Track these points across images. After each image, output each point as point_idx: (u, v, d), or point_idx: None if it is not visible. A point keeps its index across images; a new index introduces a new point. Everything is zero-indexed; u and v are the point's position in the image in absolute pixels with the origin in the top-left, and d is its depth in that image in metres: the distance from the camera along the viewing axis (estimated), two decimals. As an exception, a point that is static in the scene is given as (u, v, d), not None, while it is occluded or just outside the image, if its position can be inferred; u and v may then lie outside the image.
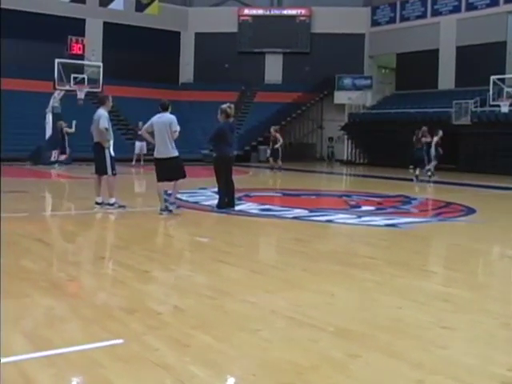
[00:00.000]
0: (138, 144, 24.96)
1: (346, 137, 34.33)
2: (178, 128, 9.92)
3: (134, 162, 24.35)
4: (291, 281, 5.71)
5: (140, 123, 24.62)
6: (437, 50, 32.90)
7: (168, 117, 9.94)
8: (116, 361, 3.50)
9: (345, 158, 34.38)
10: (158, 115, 10.04)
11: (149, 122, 10.17)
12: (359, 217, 10.50)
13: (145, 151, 24.70)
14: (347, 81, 36.09)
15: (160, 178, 10.07)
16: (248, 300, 4.89)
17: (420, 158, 20.07)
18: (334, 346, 3.86)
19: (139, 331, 4.02)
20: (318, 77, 35.22)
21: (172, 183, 10.14)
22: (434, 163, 20.51)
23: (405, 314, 4.64)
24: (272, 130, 24.42)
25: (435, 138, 20.50)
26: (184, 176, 10.15)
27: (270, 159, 24.54)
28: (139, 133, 24.44)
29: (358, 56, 36.51)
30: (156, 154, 10.09)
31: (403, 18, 34.92)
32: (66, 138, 23.13)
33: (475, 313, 4.76)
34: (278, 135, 23.91)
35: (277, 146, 23.90)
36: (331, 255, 7.22)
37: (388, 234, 9.01)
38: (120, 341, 3.81)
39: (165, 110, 10.02)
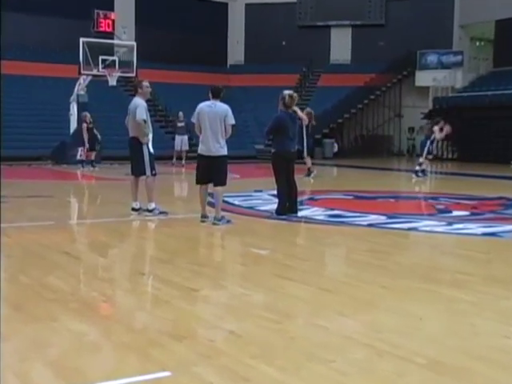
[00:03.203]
0: (178, 138, 24.97)
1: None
2: (233, 122, 9.84)
3: (174, 160, 24.53)
4: (369, 301, 5.69)
5: (180, 113, 24.82)
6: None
7: (222, 107, 9.82)
8: (163, 396, 3.56)
9: (429, 152, 33.96)
10: (208, 103, 9.89)
11: (195, 114, 9.99)
12: (449, 224, 10.39)
13: (187, 147, 24.64)
14: (432, 58, 35.62)
15: (201, 180, 10.04)
16: (318, 324, 4.89)
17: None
18: (426, 381, 3.82)
19: (189, 361, 4.06)
20: (396, 54, 34.86)
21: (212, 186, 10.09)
22: None
23: (512, 344, 4.57)
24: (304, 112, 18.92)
25: None
26: (224, 184, 10.03)
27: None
28: (179, 125, 24.82)
29: (445, 26, 35.88)
30: (202, 151, 9.97)
31: (504, -25, 34.04)
32: (86, 135, 22.74)
33: None
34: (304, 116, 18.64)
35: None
36: (416, 270, 7.16)
37: (486, 245, 8.89)
38: (167, 373, 3.86)
39: (217, 96, 9.91)
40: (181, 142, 24.81)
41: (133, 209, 10.71)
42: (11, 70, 29.06)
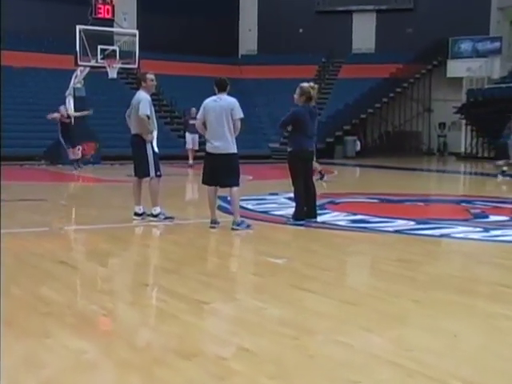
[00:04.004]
0: (188, 137, 24.87)
1: (463, 122, 33.84)
2: (241, 115, 9.93)
3: (190, 161, 24.36)
4: (397, 315, 5.68)
5: (193, 109, 24.68)
6: None
7: (228, 100, 9.94)
8: (170, 421, 3.56)
9: (462, 150, 33.94)
10: (214, 98, 10.04)
11: (201, 109, 10.16)
12: (486, 230, 10.38)
13: (196, 146, 24.52)
14: (466, 45, 35.52)
15: (207, 180, 10.11)
16: (340, 341, 4.87)
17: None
18: (462, 404, 3.81)
19: (198, 382, 4.05)
20: (425, 42, 34.80)
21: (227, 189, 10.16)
22: None
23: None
24: None
25: None
26: (237, 184, 10.08)
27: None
28: (191, 122, 24.75)
29: (481, 9, 35.69)
30: (210, 149, 10.04)
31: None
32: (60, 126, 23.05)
33: None
34: None
35: None
36: (449, 281, 7.13)
37: (528, 254, 8.85)
38: (174, 394, 3.86)
39: (222, 90, 10.04)
40: (191, 140, 24.74)
41: (135, 213, 10.72)
42: (0, 61, 29.19)
